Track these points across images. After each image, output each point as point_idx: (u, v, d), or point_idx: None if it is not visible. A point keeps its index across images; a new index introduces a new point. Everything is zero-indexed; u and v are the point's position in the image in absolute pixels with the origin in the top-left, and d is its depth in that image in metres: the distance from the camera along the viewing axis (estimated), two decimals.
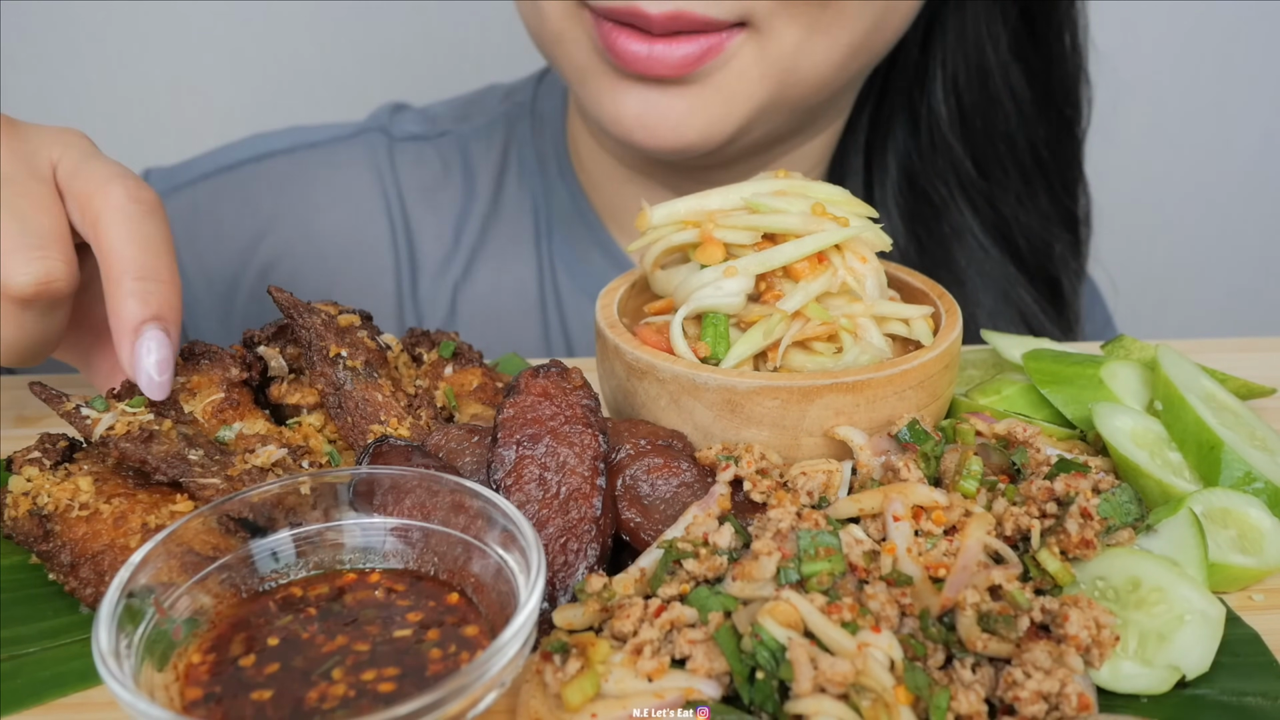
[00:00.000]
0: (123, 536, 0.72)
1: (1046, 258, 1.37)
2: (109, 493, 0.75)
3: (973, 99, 1.29)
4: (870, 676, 0.59)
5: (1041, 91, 1.32)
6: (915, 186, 1.34)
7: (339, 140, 1.41)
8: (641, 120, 1.10)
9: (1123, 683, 0.64)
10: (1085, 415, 0.87)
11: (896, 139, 1.33)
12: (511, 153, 1.40)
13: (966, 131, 1.31)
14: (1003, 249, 1.34)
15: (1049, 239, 1.37)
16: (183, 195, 1.36)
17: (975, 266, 1.33)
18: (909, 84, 1.30)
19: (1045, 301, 1.37)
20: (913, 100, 1.31)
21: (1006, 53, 1.28)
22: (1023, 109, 1.31)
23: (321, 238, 1.36)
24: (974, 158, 1.32)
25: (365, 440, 0.81)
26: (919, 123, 1.31)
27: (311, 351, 0.85)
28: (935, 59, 1.28)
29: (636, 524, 0.74)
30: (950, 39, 1.27)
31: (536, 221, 1.38)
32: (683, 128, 1.10)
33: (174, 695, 0.61)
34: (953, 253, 1.33)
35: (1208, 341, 1.11)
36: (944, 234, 1.33)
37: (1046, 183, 1.36)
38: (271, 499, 0.70)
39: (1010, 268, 1.34)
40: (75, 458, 0.79)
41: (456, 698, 0.55)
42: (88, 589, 0.71)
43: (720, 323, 0.82)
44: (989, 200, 1.33)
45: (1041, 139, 1.34)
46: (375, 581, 0.69)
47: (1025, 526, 0.71)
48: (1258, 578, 0.74)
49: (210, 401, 0.83)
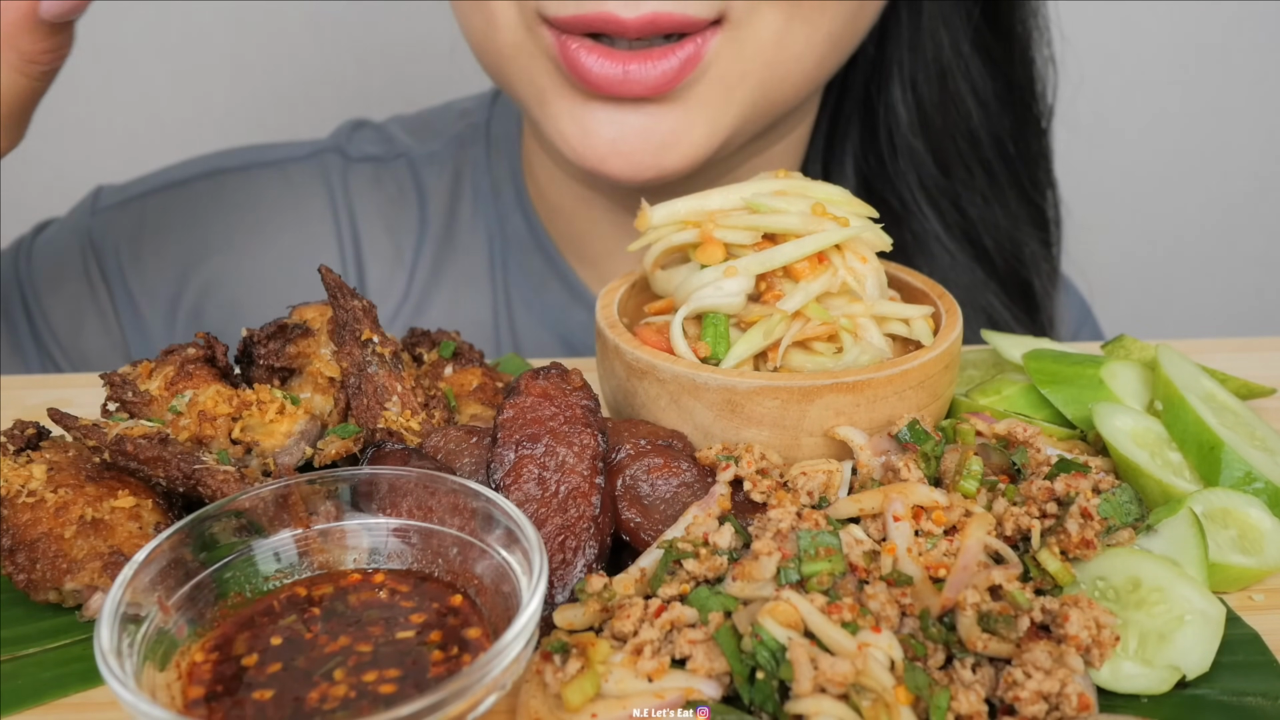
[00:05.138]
0: (60, 526, 0.72)
1: (1017, 259, 1.30)
2: (59, 483, 0.75)
3: (933, 96, 1.22)
4: (870, 676, 0.59)
5: (1004, 84, 1.25)
6: (873, 191, 1.27)
7: (294, 160, 1.34)
8: (616, 147, 0.99)
9: (1123, 683, 0.64)
10: (1085, 415, 0.87)
11: (854, 141, 1.26)
12: (465, 178, 1.31)
13: (927, 130, 1.23)
14: (969, 253, 1.28)
15: (1018, 239, 1.30)
16: (131, 209, 1.32)
17: (940, 273, 1.26)
18: (866, 83, 1.23)
19: (1018, 307, 1.30)
20: (870, 101, 1.24)
21: (967, 45, 1.21)
22: (985, 103, 1.24)
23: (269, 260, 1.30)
24: (936, 157, 1.24)
25: (376, 424, 0.82)
26: (877, 124, 1.24)
27: (344, 330, 0.86)
28: (892, 57, 1.20)
29: (636, 524, 0.74)
30: (907, 34, 1.19)
31: (491, 252, 1.29)
32: (665, 152, 1.00)
33: (175, 695, 0.61)
34: (915, 260, 1.26)
35: (1208, 341, 1.11)
36: (905, 240, 1.26)
37: (1014, 179, 1.29)
38: (273, 499, 0.70)
39: (979, 272, 1.28)
40: (41, 446, 0.80)
41: (457, 700, 0.55)
42: (20, 574, 0.71)
43: (720, 323, 0.82)
44: (953, 201, 1.26)
45: (1007, 132, 1.27)
46: (379, 582, 0.69)
47: (1025, 526, 0.71)
48: (1258, 578, 0.74)
49: (164, 375, 0.84)
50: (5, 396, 1.02)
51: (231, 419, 0.82)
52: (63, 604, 0.72)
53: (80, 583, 0.70)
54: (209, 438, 0.80)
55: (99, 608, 0.63)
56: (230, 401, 0.82)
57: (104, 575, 0.69)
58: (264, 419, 0.82)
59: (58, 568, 0.70)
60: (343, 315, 0.87)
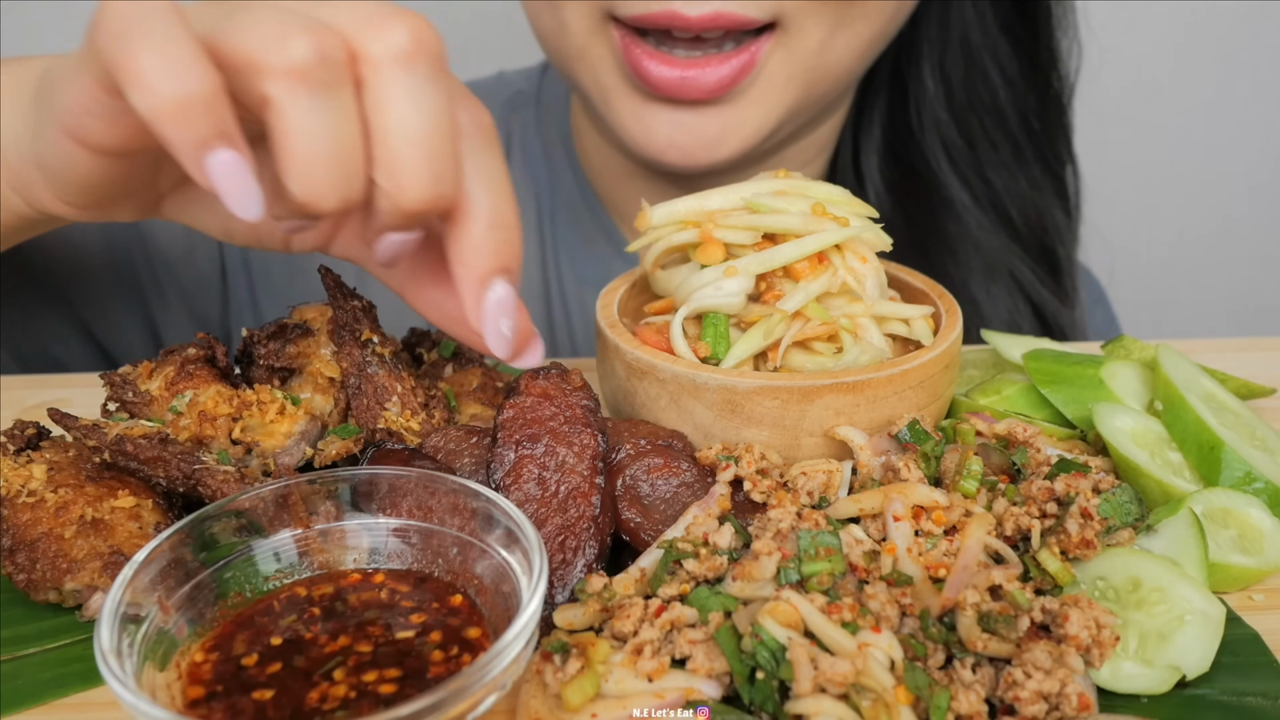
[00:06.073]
0: (60, 526, 0.72)
1: (1041, 228, 1.36)
2: (59, 482, 0.75)
3: (960, 72, 1.29)
4: (870, 676, 0.59)
5: (1029, 63, 1.31)
6: (900, 160, 1.33)
7: None
8: (672, 142, 1.08)
9: (1123, 683, 0.64)
10: (1085, 415, 0.87)
11: (881, 111, 1.32)
12: (514, 140, 1.39)
13: (953, 104, 1.30)
14: (995, 219, 1.34)
15: (1042, 207, 1.36)
16: None
17: (966, 236, 1.32)
18: (896, 57, 1.30)
19: (1042, 269, 1.36)
20: (901, 75, 1.31)
21: (994, 26, 1.28)
22: (1011, 81, 1.31)
23: None
24: (962, 130, 1.32)
25: (376, 424, 0.82)
26: (906, 97, 1.31)
27: (345, 331, 0.87)
28: (923, 34, 1.27)
29: (636, 524, 0.74)
30: (937, 13, 1.26)
31: (539, 208, 1.37)
32: (717, 146, 1.09)
33: (175, 694, 0.61)
34: (943, 223, 1.32)
35: (1208, 341, 1.11)
36: (933, 205, 1.32)
37: (1038, 152, 1.36)
38: (273, 499, 0.70)
39: (1004, 236, 1.34)
40: (41, 446, 0.80)
41: (457, 700, 0.55)
42: (20, 574, 0.71)
43: (720, 323, 0.82)
44: (978, 171, 1.33)
45: (1031, 109, 1.33)
46: (379, 582, 0.69)
47: (1025, 526, 0.71)
48: (1258, 578, 0.74)
49: (164, 375, 0.84)
50: (5, 396, 1.02)
51: (232, 419, 0.82)
52: (63, 604, 0.72)
53: (80, 583, 0.70)
54: (209, 438, 0.80)
55: (99, 608, 0.63)
56: (230, 402, 0.82)
57: (104, 575, 0.69)
58: (264, 419, 0.82)
59: (58, 568, 0.70)
60: (342, 315, 0.88)
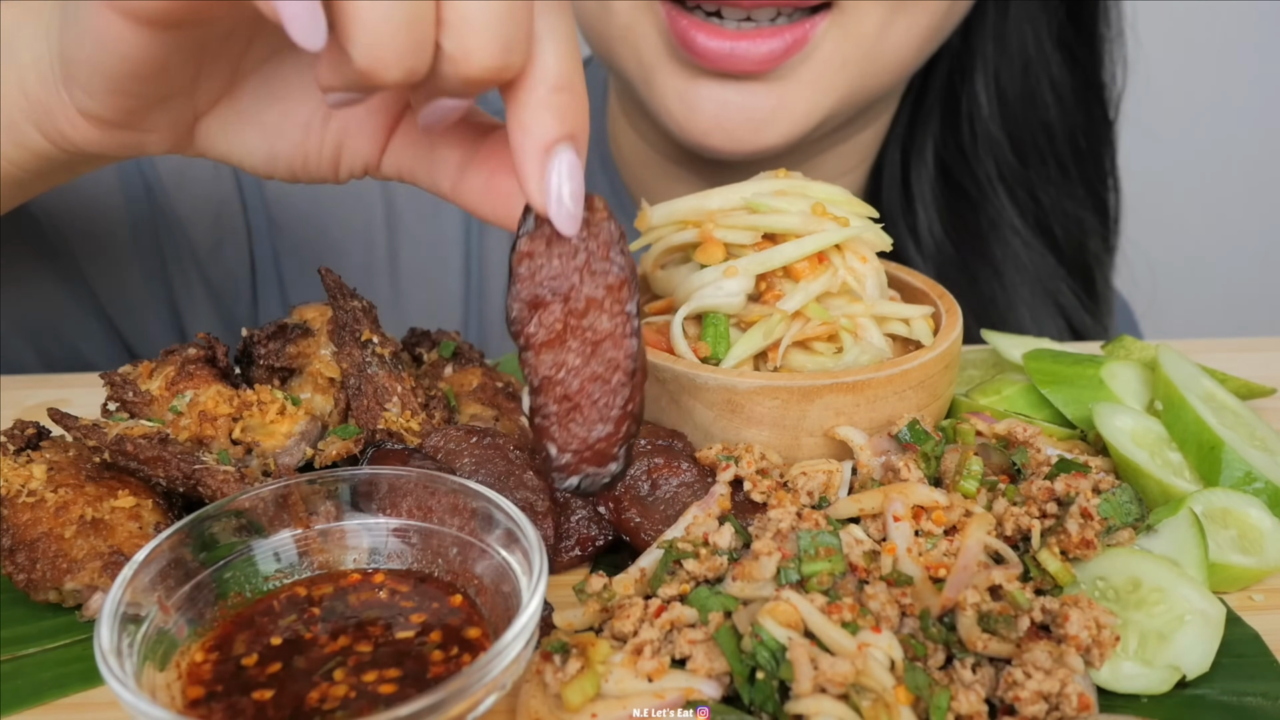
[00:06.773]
0: (60, 526, 0.72)
1: (1082, 248, 1.36)
2: (59, 482, 0.75)
3: (1014, 88, 1.27)
4: (870, 676, 0.59)
5: (1082, 80, 1.31)
6: (950, 179, 1.32)
7: None
8: (718, 121, 1.04)
9: (1123, 683, 0.64)
10: (1085, 415, 0.87)
11: (934, 128, 1.31)
12: None
13: (1007, 120, 1.29)
14: (1042, 240, 1.33)
15: (1085, 228, 1.36)
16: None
17: (1013, 260, 1.31)
18: (949, 73, 1.28)
19: (1083, 294, 1.36)
20: (954, 89, 1.29)
21: (1049, 41, 1.27)
22: (1063, 98, 1.30)
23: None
24: (1014, 146, 1.30)
25: (376, 424, 0.82)
26: (960, 112, 1.29)
27: (345, 332, 0.87)
28: (978, 49, 1.26)
29: (636, 524, 0.74)
30: (993, 28, 1.25)
31: None
32: (764, 129, 1.05)
33: (175, 694, 0.61)
34: (991, 246, 1.31)
35: (1208, 341, 1.11)
36: (981, 226, 1.31)
37: (1082, 171, 1.35)
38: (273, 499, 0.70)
39: (1050, 259, 1.33)
40: (41, 446, 0.80)
41: (457, 700, 0.55)
42: (20, 574, 0.71)
43: (720, 323, 0.82)
44: (1028, 190, 1.32)
45: (1080, 127, 1.32)
46: (379, 582, 0.69)
47: (1025, 526, 0.71)
48: (1258, 578, 0.74)
49: (164, 375, 0.84)
50: (5, 396, 1.02)
51: (232, 419, 0.82)
52: (63, 604, 0.72)
53: (80, 583, 0.70)
54: (209, 438, 0.80)
55: (99, 608, 0.63)
56: (231, 402, 0.82)
57: (104, 575, 0.69)
58: (264, 419, 0.82)
59: (58, 568, 0.70)
60: (342, 316, 0.88)
